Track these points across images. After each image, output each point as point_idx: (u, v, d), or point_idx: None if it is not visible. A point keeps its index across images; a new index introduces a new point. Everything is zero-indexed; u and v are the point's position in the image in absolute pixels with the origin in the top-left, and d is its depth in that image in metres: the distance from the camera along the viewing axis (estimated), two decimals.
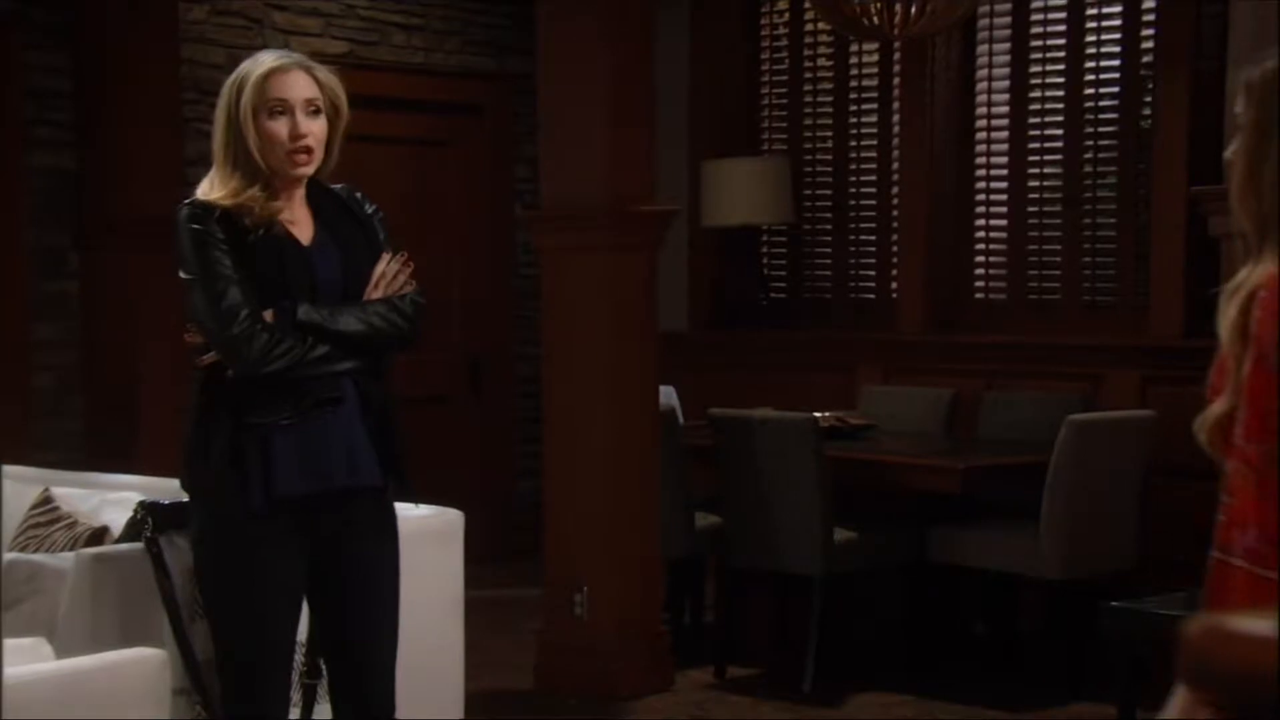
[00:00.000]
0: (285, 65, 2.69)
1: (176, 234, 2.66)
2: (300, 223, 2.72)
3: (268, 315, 2.63)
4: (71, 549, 3.07)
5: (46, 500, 3.36)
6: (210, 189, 2.68)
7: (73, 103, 5.54)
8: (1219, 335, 1.83)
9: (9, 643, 2.37)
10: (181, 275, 2.66)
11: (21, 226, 5.50)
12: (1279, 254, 1.80)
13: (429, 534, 3.59)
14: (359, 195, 2.83)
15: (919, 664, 4.97)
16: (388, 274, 2.74)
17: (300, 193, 2.73)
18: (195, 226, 2.63)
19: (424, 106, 6.36)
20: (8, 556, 2.92)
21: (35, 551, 3.15)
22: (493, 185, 6.62)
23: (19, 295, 5.49)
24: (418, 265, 2.78)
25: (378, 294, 2.72)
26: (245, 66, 2.72)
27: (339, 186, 2.81)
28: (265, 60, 2.70)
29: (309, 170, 2.69)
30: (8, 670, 2.23)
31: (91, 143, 5.50)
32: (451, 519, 3.64)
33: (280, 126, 2.65)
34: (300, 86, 2.68)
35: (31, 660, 2.31)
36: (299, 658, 2.82)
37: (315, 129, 2.67)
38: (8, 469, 3.92)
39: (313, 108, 2.68)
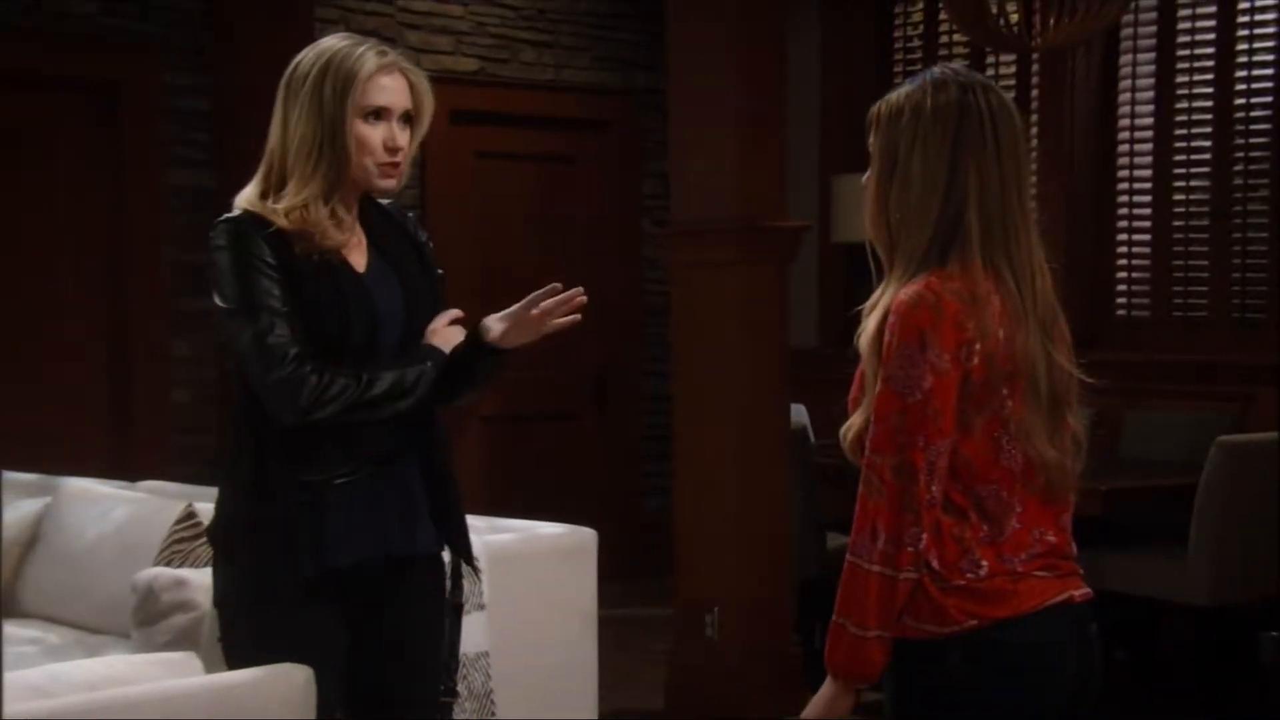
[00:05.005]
0: (389, 66, 2.35)
1: (211, 253, 2.32)
2: (354, 246, 2.37)
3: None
4: None
5: (190, 515, 3.41)
6: (274, 194, 2.33)
7: (212, 122, 5.66)
8: (859, 350, 1.95)
9: (160, 656, 2.39)
10: (217, 303, 2.31)
11: (162, 244, 5.62)
12: (905, 277, 1.93)
13: (562, 552, 3.58)
14: (411, 215, 2.50)
15: None
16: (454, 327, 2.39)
17: (356, 209, 2.39)
18: (239, 246, 2.29)
19: (553, 123, 6.37)
20: (154, 570, 2.97)
21: (180, 566, 3.19)
22: (621, 201, 6.61)
23: (160, 312, 5.61)
24: (545, 280, 2.48)
25: (435, 340, 2.37)
26: (332, 55, 2.35)
27: (389, 203, 2.46)
28: (367, 58, 2.33)
29: (396, 186, 2.37)
30: (158, 684, 2.25)
31: (230, 162, 5.60)
32: (585, 537, 3.63)
33: (376, 134, 2.32)
34: (401, 93, 2.36)
35: (182, 674, 2.33)
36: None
37: (405, 142, 2.36)
38: (151, 484, 4.00)
39: (407, 118, 2.37)
